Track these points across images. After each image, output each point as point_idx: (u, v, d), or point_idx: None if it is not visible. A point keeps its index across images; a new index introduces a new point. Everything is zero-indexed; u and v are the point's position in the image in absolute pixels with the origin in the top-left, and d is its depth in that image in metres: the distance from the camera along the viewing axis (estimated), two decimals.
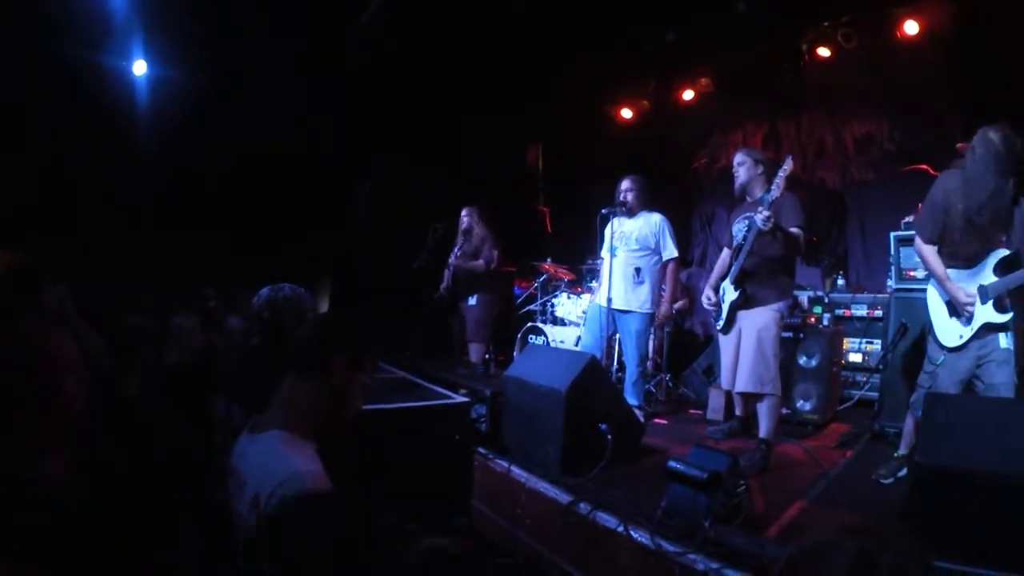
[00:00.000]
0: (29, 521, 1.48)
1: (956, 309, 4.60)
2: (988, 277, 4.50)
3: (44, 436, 1.63)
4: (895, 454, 5.05)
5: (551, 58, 10.36)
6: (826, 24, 9.07)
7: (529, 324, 9.52)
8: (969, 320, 4.51)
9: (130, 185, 11.07)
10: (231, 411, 3.54)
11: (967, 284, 4.56)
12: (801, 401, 6.80)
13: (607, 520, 4.12)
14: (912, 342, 6.16)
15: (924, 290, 4.96)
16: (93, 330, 4.30)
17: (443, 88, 11.18)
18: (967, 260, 4.60)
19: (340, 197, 13.13)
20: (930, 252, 4.70)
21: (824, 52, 9.26)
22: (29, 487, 1.47)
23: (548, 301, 9.83)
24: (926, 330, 4.95)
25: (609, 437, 5.06)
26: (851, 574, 1.05)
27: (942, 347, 4.68)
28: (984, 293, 4.46)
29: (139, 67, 10.73)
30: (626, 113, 12.30)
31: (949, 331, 4.65)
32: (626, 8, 9.31)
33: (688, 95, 11.09)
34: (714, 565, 3.42)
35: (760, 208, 5.12)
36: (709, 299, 5.93)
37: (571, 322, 9.10)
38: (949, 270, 4.64)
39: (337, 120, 11.83)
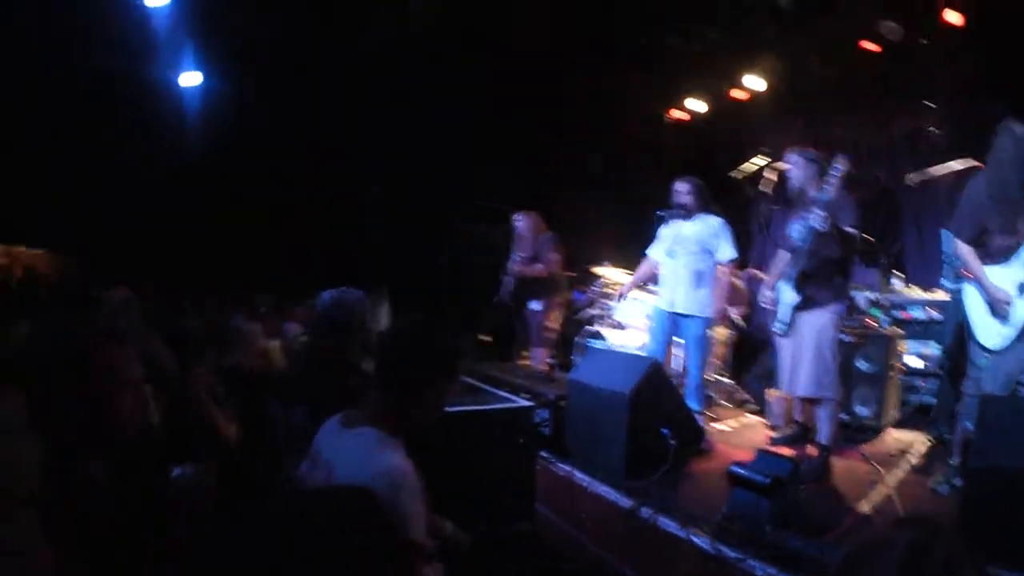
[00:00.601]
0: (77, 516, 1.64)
1: (996, 309, 4.59)
2: None
3: (89, 443, 1.79)
4: (949, 462, 5.02)
5: (607, 63, 10.41)
6: (870, 17, 8.96)
7: (589, 328, 9.47)
8: (1006, 319, 4.51)
9: (183, 194, 11.39)
10: (291, 412, 3.66)
11: (1003, 279, 4.55)
12: (860, 406, 6.74)
13: (669, 525, 4.20)
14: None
15: None
16: (156, 335, 4.48)
17: (501, 89, 11.30)
18: (1000, 255, 4.58)
19: (388, 202, 13.28)
20: (969, 252, 4.70)
21: (870, 46, 9.14)
22: (76, 487, 1.60)
23: (608, 305, 9.76)
24: (965, 334, 4.91)
25: (671, 441, 5.11)
26: (904, 565, 1.09)
27: (983, 349, 4.66)
28: (1022, 288, 4.47)
29: (189, 78, 11.10)
30: (680, 116, 12.31)
31: (989, 331, 4.63)
32: (674, 10, 9.43)
33: (740, 95, 11.07)
34: (772, 570, 3.50)
35: (816, 208, 5.14)
36: (767, 299, 5.90)
37: (630, 326, 9.00)
38: (985, 267, 4.63)
39: (378, 126, 11.95)
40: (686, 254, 6.70)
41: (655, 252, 6.97)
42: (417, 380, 2.42)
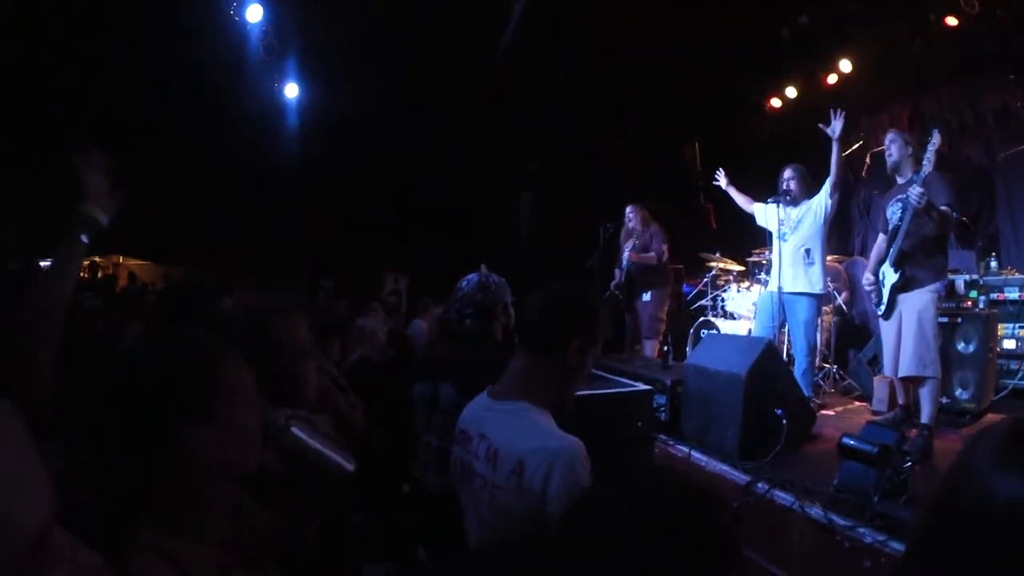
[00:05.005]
0: None
1: None
2: None
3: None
4: None
5: (700, 56, 10.59)
6: None
7: (701, 319, 9.65)
8: None
9: (303, 198, 11.84)
10: (439, 391, 3.95)
11: None
12: (959, 389, 6.71)
13: (783, 498, 4.45)
14: None
15: None
16: None
17: (599, 93, 11.58)
18: None
19: (506, 201, 13.61)
20: None
21: (952, 21, 8.94)
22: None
23: (718, 296, 9.95)
24: None
25: (784, 422, 5.28)
26: (1004, 441, 1.20)
27: None
28: None
29: (291, 90, 11.52)
30: (775, 103, 12.39)
31: None
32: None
33: (832, 79, 11.05)
34: (880, 537, 3.74)
35: (913, 186, 5.26)
36: (869, 281, 6.01)
37: (742, 316, 9.18)
38: None
39: (498, 127, 12.36)
40: (794, 236, 6.94)
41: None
42: (560, 344, 2.38)
